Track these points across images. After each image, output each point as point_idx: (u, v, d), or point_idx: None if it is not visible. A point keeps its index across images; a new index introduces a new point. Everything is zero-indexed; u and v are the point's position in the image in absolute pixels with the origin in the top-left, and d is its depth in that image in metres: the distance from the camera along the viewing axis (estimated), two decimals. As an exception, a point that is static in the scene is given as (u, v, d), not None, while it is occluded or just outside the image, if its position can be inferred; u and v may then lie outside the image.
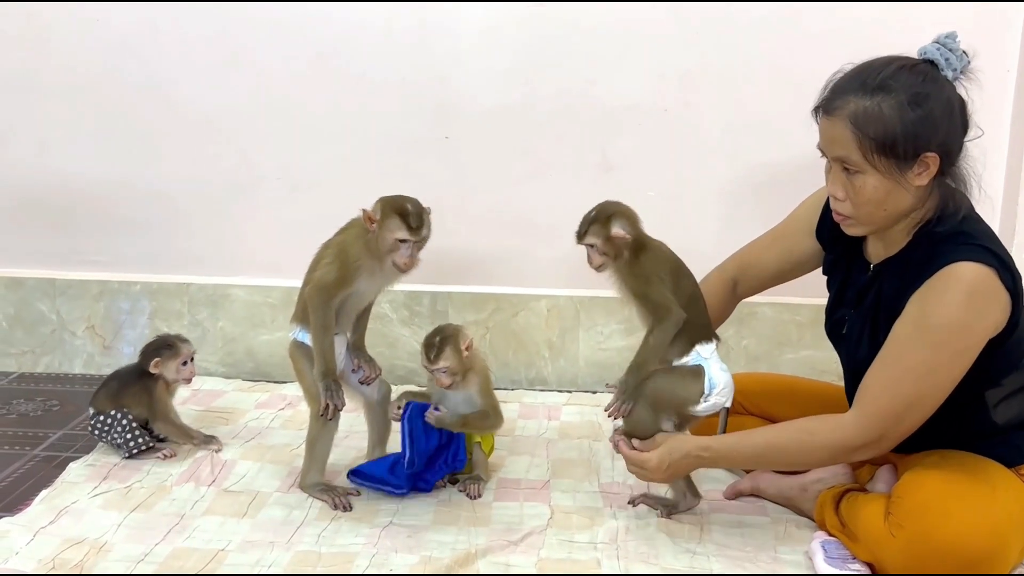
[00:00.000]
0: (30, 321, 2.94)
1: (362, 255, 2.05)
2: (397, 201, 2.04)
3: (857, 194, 1.72)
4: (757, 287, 2.20)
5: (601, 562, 1.86)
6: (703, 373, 1.95)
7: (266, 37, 2.72)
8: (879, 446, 1.76)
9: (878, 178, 1.69)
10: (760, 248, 2.17)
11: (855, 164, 1.69)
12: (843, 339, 1.94)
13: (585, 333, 2.83)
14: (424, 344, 2.09)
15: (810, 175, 2.66)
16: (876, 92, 1.66)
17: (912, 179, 1.69)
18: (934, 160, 1.67)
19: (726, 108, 2.68)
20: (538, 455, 2.35)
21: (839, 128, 1.69)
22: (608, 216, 1.97)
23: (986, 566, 1.66)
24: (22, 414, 2.63)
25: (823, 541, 1.85)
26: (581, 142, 2.73)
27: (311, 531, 1.96)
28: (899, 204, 1.73)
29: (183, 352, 2.35)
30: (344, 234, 2.10)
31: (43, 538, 1.90)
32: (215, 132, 2.79)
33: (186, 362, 2.36)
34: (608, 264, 1.99)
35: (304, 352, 2.10)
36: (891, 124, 1.65)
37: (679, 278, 1.99)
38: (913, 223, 1.77)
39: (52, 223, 2.89)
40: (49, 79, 2.79)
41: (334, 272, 2.04)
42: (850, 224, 1.80)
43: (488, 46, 2.69)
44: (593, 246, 1.98)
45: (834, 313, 1.98)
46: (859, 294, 1.89)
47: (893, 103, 1.65)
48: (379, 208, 2.03)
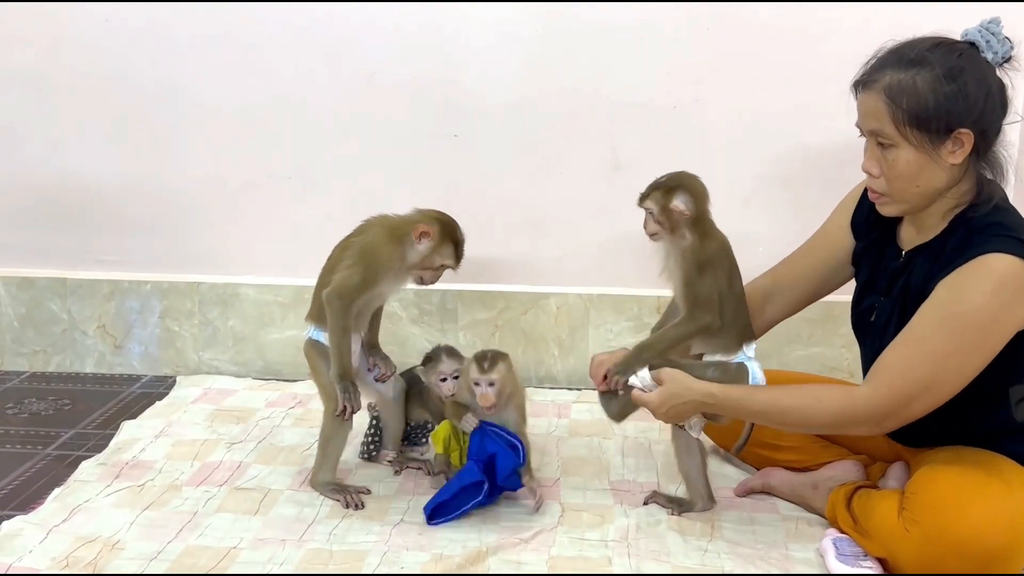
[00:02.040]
0: (41, 321, 2.95)
1: (392, 260, 2.06)
2: (454, 228, 2.09)
3: (890, 169, 1.73)
4: (791, 302, 2.13)
5: (612, 560, 1.86)
6: (747, 371, 1.94)
7: (276, 36, 2.72)
8: (882, 425, 1.75)
9: (911, 152, 1.69)
10: (795, 258, 2.14)
11: (888, 137, 1.70)
12: (870, 328, 1.90)
13: (595, 331, 2.83)
14: (476, 357, 2.02)
15: (820, 172, 2.68)
16: (912, 66, 1.67)
17: (946, 156, 1.68)
18: (968, 138, 1.67)
19: (736, 105, 2.67)
20: (548, 453, 2.35)
21: (874, 101, 1.70)
22: (674, 187, 1.92)
23: (1001, 562, 1.65)
24: (34, 413, 2.64)
25: (835, 539, 1.85)
26: (590, 140, 2.73)
27: (323, 529, 1.97)
28: (932, 181, 1.72)
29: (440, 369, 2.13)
30: (366, 236, 2.09)
31: (56, 536, 1.91)
32: (225, 132, 2.80)
33: (445, 378, 2.11)
34: (662, 235, 1.94)
35: (320, 351, 2.10)
36: (925, 97, 1.65)
37: (733, 278, 1.96)
38: (948, 208, 1.76)
39: (63, 223, 2.90)
40: (60, 78, 2.80)
41: (358, 275, 2.03)
42: (884, 202, 1.80)
43: (497, 44, 2.69)
44: (651, 212, 1.93)
45: (862, 301, 1.95)
46: (890, 281, 1.87)
47: (928, 76, 1.65)
48: (437, 229, 2.06)
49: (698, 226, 1.92)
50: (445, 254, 2.09)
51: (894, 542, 1.73)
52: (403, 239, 2.06)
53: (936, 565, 1.67)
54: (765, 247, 2.75)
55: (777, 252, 2.73)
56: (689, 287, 1.92)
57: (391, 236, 2.06)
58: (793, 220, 2.72)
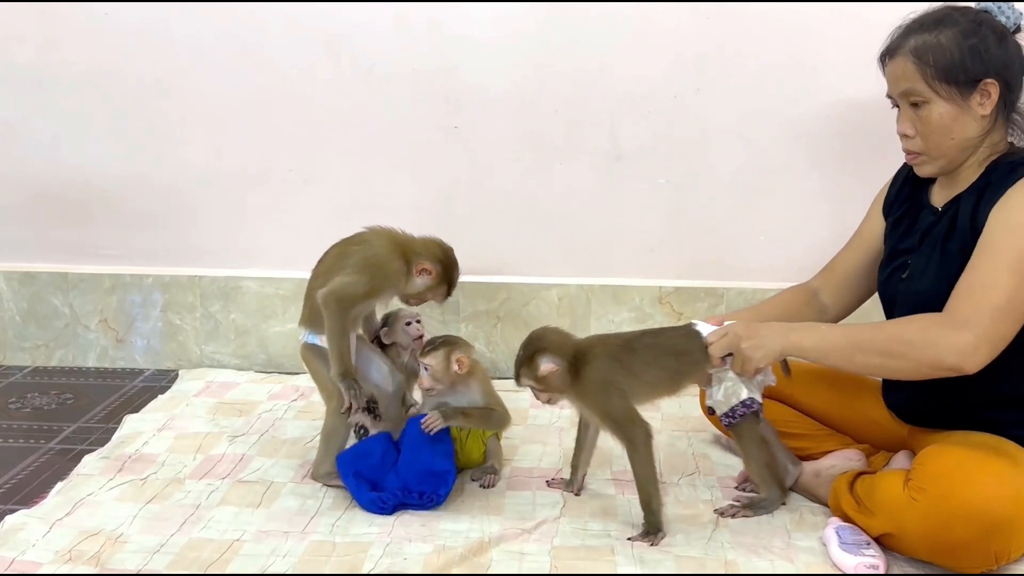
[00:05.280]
0: (43, 315, 2.95)
1: (398, 277, 2.09)
2: (451, 270, 2.14)
3: (924, 124, 1.80)
4: (846, 295, 2.12)
5: (615, 549, 1.86)
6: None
7: (275, 29, 2.72)
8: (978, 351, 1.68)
9: (943, 105, 1.78)
10: (840, 256, 2.15)
11: (920, 94, 1.78)
12: (900, 284, 1.90)
13: (596, 322, 2.83)
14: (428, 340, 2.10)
15: (822, 162, 2.67)
16: (935, 27, 1.78)
17: (975, 107, 1.78)
18: (994, 88, 1.76)
19: (737, 95, 2.66)
20: (550, 444, 2.36)
21: (902, 64, 1.80)
22: (532, 355, 1.92)
23: (1006, 533, 1.65)
24: (36, 408, 2.64)
25: (838, 527, 1.85)
26: (592, 130, 2.72)
27: (325, 521, 1.97)
28: (966, 131, 1.79)
29: (402, 315, 2.28)
30: (371, 248, 2.10)
31: (59, 530, 1.91)
32: (226, 125, 2.80)
33: (410, 322, 2.26)
34: (558, 396, 1.95)
35: (316, 353, 2.11)
36: (950, 51, 1.75)
37: (631, 359, 1.92)
38: (983, 158, 1.83)
39: (64, 217, 2.90)
40: (61, 73, 2.79)
41: (363, 285, 2.04)
42: (922, 161, 1.86)
43: (496, 35, 2.68)
44: (533, 387, 1.95)
45: (891, 263, 1.96)
46: (923, 235, 1.89)
47: (950, 34, 1.76)
48: (439, 272, 2.11)
49: (572, 366, 1.92)
50: (437, 293, 2.15)
51: (901, 512, 1.72)
52: (409, 263, 2.10)
53: (942, 533, 1.67)
54: (766, 236, 2.76)
55: (777, 241, 2.75)
56: (607, 418, 1.92)
57: (399, 254, 2.09)
58: (794, 210, 2.73)
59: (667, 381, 1.97)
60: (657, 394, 1.99)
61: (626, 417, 1.90)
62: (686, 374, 1.96)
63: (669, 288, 2.80)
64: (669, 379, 1.96)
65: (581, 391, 1.93)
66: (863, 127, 2.53)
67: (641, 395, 1.95)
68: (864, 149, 2.59)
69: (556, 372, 1.90)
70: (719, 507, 2.02)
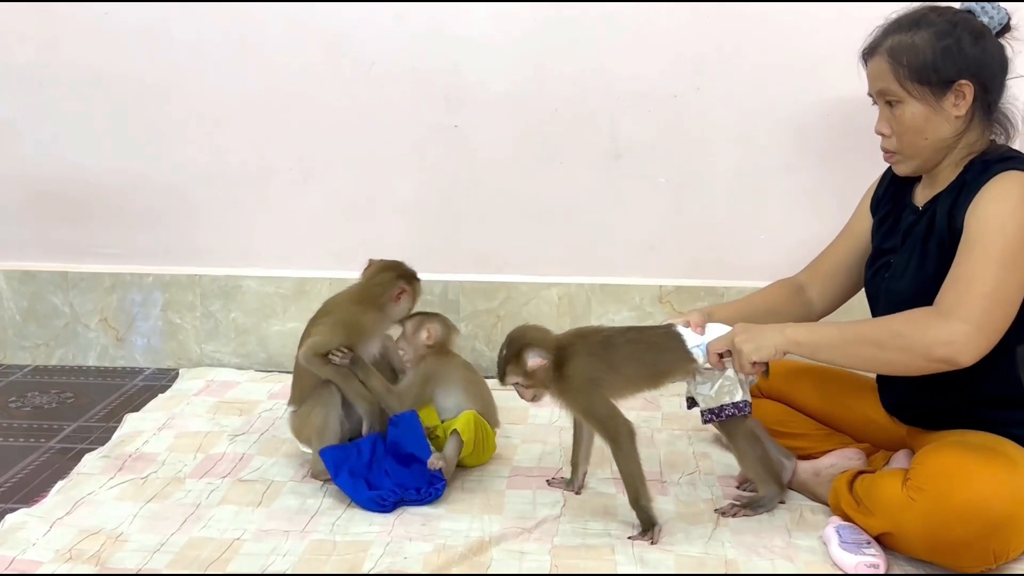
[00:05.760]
0: (43, 314, 2.95)
1: (376, 326, 2.15)
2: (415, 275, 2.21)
3: (899, 124, 1.83)
4: (832, 291, 2.12)
5: (615, 549, 1.86)
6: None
7: (276, 28, 2.71)
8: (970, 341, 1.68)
9: (916, 106, 1.79)
10: (828, 251, 2.17)
11: (894, 94, 1.81)
12: (883, 282, 1.93)
13: (597, 320, 2.83)
14: None
15: (821, 160, 2.67)
16: (911, 27, 1.80)
17: (949, 108, 1.79)
18: (968, 89, 1.77)
19: (737, 94, 2.66)
20: (550, 443, 2.36)
21: (879, 63, 1.82)
22: (519, 350, 1.92)
23: (1005, 532, 1.65)
24: (37, 407, 2.64)
25: (838, 526, 1.85)
26: (591, 129, 2.72)
27: (325, 520, 1.97)
28: (938, 132, 1.81)
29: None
30: (339, 314, 2.14)
31: (60, 529, 1.91)
32: (226, 124, 2.80)
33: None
34: (543, 392, 1.95)
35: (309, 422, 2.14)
36: (923, 52, 1.77)
37: (611, 354, 1.92)
38: (961, 158, 1.83)
39: (64, 216, 2.90)
40: (61, 73, 2.79)
41: (339, 339, 2.08)
42: (897, 160, 1.88)
43: (496, 35, 2.68)
44: (519, 384, 1.95)
45: (876, 262, 1.98)
46: (905, 234, 1.91)
47: (925, 35, 1.78)
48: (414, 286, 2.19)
49: (557, 362, 1.92)
50: (416, 300, 2.22)
51: (899, 512, 1.72)
52: (383, 307, 2.15)
53: (941, 533, 1.67)
54: (766, 235, 2.76)
55: (777, 240, 2.75)
56: (591, 416, 1.93)
57: (370, 304, 2.15)
58: (794, 208, 2.73)
59: (647, 377, 1.97)
60: (638, 388, 1.99)
61: (608, 415, 1.91)
62: (667, 372, 1.96)
63: (669, 287, 2.80)
64: (649, 375, 1.97)
65: (563, 387, 1.93)
66: (863, 126, 2.51)
67: (622, 389, 1.95)
68: (864, 148, 2.56)
69: (543, 366, 1.91)
70: (719, 506, 2.02)
